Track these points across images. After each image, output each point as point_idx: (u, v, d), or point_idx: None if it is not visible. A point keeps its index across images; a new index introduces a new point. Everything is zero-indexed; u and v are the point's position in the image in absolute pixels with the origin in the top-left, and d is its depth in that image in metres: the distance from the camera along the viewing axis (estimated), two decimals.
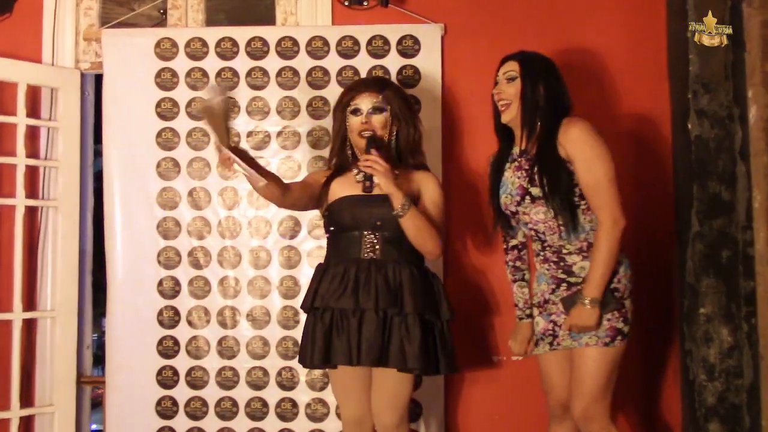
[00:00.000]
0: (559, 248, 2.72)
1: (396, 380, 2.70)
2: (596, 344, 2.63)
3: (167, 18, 3.64)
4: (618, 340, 2.65)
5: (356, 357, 2.65)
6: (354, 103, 2.82)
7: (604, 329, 2.63)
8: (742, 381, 3.05)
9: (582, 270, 2.68)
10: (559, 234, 2.70)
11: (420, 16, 3.48)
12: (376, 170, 2.63)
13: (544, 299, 2.77)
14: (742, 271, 3.05)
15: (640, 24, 3.46)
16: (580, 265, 2.69)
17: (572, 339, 2.68)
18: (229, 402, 3.42)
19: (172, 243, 3.48)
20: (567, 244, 2.70)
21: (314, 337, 2.70)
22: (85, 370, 3.64)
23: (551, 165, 2.65)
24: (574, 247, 2.70)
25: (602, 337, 2.63)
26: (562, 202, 2.64)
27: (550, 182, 2.64)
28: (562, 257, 2.72)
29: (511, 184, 2.77)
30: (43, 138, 3.57)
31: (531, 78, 2.72)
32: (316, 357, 2.69)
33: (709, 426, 3.06)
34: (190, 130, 3.49)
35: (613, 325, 2.63)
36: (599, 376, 2.64)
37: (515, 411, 3.39)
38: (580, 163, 2.62)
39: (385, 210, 2.69)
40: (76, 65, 3.60)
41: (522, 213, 2.75)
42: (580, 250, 2.69)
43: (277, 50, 3.49)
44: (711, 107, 3.14)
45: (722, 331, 3.06)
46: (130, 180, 3.49)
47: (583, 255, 2.69)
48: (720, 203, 3.10)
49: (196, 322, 3.45)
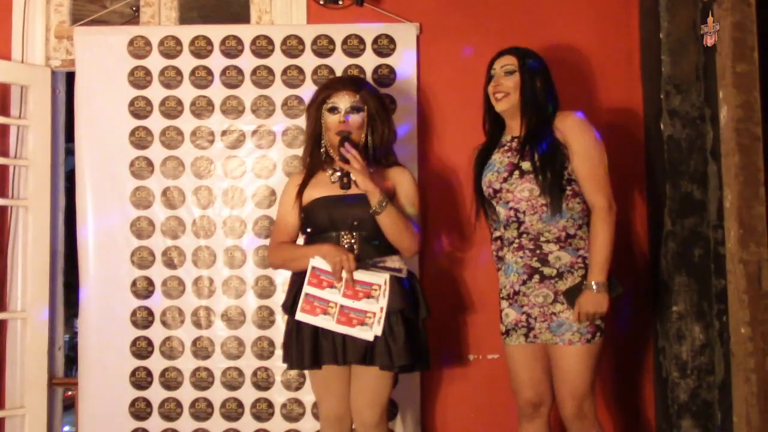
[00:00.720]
0: (537, 235, 2.70)
1: (376, 378, 2.70)
2: (579, 341, 2.65)
3: (140, 15, 3.60)
4: (598, 336, 2.67)
5: (342, 357, 2.66)
6: (331, 101, 2.80)
7: (586, 325, 2.64)
8: (713, 378, 3.10)
9: (557, 260, 2.68)
10: (539, 215, 2.69)
11: (395, 16, 3.48)
12: (353, 167, 2.63)
13: (513, 291, 2.76)
14: (714, 270, 3.10)
15: (614, 25, 3.49)
16: (556, 254, 2.69)
17: (552, 333, 2.68)
18: (204, 403, 3.40)
19: (146, 243, 3.44)
20: (545, 230, 2.69)
21: (301, 338, 2.70)
22: (57, 371, 3.59)
23: (545, 141, 2.68)
24: (552, 235, 2.69)
25: (584, 333, 2.65)
26: (552, 178, 2.66)
27: (542, 157, 2.67)
28: (539, 245, 2.70)
29: (499, 163, 2.79)
30: (13, 136, 3.52)
31: (529, 71, 2.77)
32: (306, 359, 2.69)
33: (681, 422, 3.11)
34: (163, 129, 3.46)
35: (593, 322, 2.66)
36: (588, 374, 2.66)
37: (491, 409, 3.40)
38: (578, 149, 2.68)
39: (362, 210, 2.70)
40: (47, 62, 3.55)
41: (506, 191, 2.74)
42: (558, 240, 2.69)
43: (252, 49, 3.47)
44: (683, 108, 3.18)
45: (694, 329, 3.10)
46: (103, 179, 3.45)
47: (560, 245, 2.69)
48: (692, 202, 3.14)
49: (170, 322, 3.42)
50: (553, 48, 3.42)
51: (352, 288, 2.64)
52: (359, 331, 2.63)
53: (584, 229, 2.72)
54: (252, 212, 3.44)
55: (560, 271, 2.68)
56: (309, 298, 2.66)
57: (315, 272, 2.67)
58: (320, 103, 2.83)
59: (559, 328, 2.66)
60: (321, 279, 2.66)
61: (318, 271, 2.67)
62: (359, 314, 2.64)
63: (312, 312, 2.66)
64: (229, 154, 3.46)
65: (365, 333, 2.63)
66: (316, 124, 2.85)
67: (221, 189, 3.44)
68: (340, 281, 2.64)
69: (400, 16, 3.48)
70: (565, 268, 2.68)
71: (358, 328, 2.63)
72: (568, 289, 2.67)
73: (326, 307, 2.65)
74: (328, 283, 2.66)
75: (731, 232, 2.88)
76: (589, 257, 2.67)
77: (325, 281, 2.66)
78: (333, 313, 2.64)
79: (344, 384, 2.77)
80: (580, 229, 2.72)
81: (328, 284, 2.66)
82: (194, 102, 3.46)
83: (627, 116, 3.46)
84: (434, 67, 3.49)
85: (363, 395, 2.72)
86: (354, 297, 2.64)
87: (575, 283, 2.67)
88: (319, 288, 2.66)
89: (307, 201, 2.80)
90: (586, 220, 2.73)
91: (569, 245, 2.69)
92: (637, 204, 3.41)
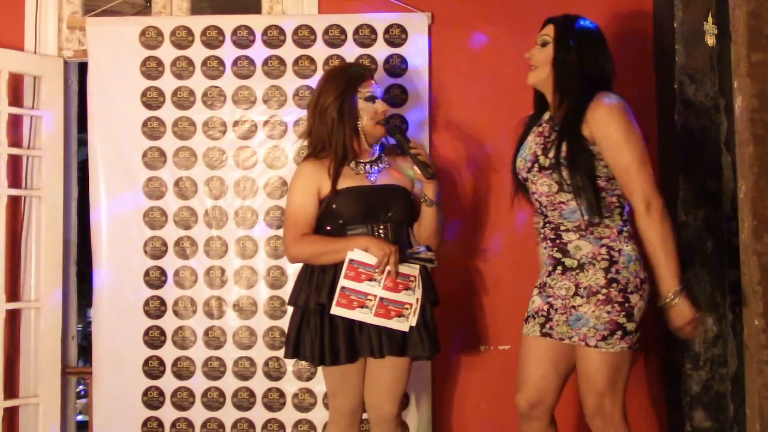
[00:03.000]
0: (558, 225, 2.55)
1: (397, 370, 2.70)
2: (594, 336, 2.46)
3: (151, 6, 3.60)
4: (617, 337, 2.45)
5: (378, 349, 2.65)
6: (367, 90, 2.76)
7: (603, 321, 2.45)
8: (726, 370, 3.08)
9: (577, 250, 2.50)
10: (559, 212, 2.54)
11: (407, 5, 3.47)
12: (424, 154, 2.69)
13: (542, 281, 2.62)
14: (727, 261, 3.08)
15: (627, 14, 3.46)
16: (575, 244, 2.51)
17: (569, 327, 2.50)
18: (216, 392, 3.41)
19: (159, 233, 3.46)
20: (566, 221, 2.53)
21: (334, 334, 2.65)
22: (70, 361, 3.62)
23: (569, 139, 2.47)
24: (572, 224, 2.51)
25: (600, 329, 2.45)
26: (579, 180, 2.45)
27: (565, 156, 2.47)
28: (559, 234, 2.54)
29: (528, 149, 2.62)
30: (26, 127, 3.53)
31: (564, 44, 2.53)
32: (342, 354, 2.65)
33: (693, 414, 3.10)
34: (176, 120, 3.46)
35: (613, 318, 2.45)
36: (607, 370, 2.47)
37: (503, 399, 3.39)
38: (607, 147, 2.45)
39: (396, 200, 2.72)
40: (59, 53, 3.56)
41: (530, 181, 2.61)
42: (578, 228, 2.50)
43: (264, 39, 3.47)
44: (697, 98, 3.16)
45: (707, 321, 3.08)
46: (116, 170, 3.46)
47: (580, 233, 2.50)
48: (705, 193, 3.12)
49: (182, 312, 3.44)
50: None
51: (393, 280, 2.64)
52: (396, 323, 2.63)
53: (613, 217, 2.50)
54: (264, 203, 3.44)
55: (581, 263, 2.49)
56: (345, 291, 2.63)
57: (353, 265, 2.63)
58: (352, 93, 2.75)
59: (576, 322, 2.49)
60: (360, 272, 2.63)
61: (357, 264, 2.63)
62: (398, 306, 2.64)
63: (349, 306, 2.63)
64: (240, 145, 3.46)
65: (401, 324, 2.64)
66: (350, 113, 2.73)
67: (233, 179, 3.45)
68: (382, 274, 2.63)
69: (411, 5, 3.47)
70: (586, 259, 2.49)
71: (395, 320, 2.63)
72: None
73: (364, 300, 2.63)
74: (366, 276, 2.63)
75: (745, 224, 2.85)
76: (652, 263, 2.46)
77: (364, 274, 2.63)
78: (371, 306, 2.63)
79: (361, 378, 2.76)
80: (606, 217, 2.50)
81: (367, 277, 2.63)
82: (206, 92, 3.46)
83: (640, 106, 3.40)
84: (446, 56, 3.47)
85: (382, 388, 2.71)
86: (394, 289, 2.64)
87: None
88: (357, 281, 2.63)
89: (340, 190, 2.72)
90: (614, 207, 2.51)
91: (591, 233, 2.49)
92: None
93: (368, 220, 2.70)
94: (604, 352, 2.47)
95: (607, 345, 2.46)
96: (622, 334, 2.46)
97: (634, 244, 2.50)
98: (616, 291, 2.46)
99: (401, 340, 2.67)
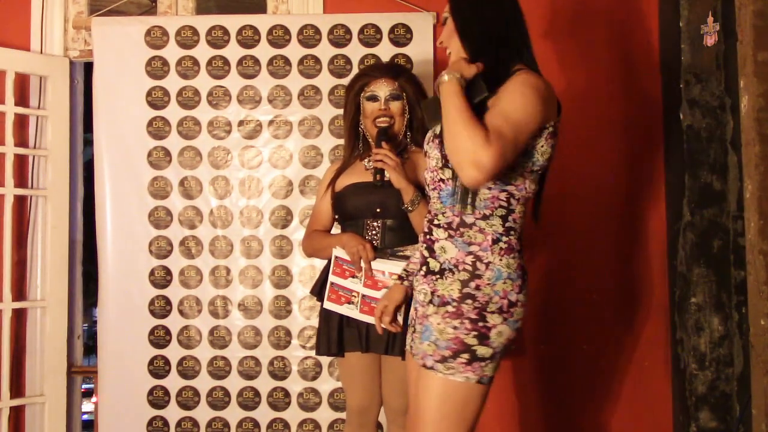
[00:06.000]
0: (434, 215, 2.12)
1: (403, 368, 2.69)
2: (432, 356, 1.99)
3: (157, 6, 3.61)
4: (462, 361, 1.96)
5: (365, 345, 2.68)
6: (370, 89, 2.77)
7: (447, 337, 1.97)
8: (732, 370, 3.07)
9: (443, 252, 2.05)
10: (438, 192, 2.11)
11: (412, 5, 3.47)
12: (387, 165, 2.61)
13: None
14: (733, 261, 3.07)
15: (632, 13, 3.45)
16: (442, 244, 2.06)
17: (420, 341, 2.05)
18: (221, 392, 3.42)
19: (164, 232, 3.46)
20: (440, 212, 2.09)
21: (331, 325, 2.72)
22: (76, 360, 3.62)
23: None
24: (445, 219, 2.07)
25: (441, 348, 1.99)
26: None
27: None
28: (431, 227, 2.11)
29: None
30: (32, 127, 3.55)
31: (460, 11, 2.15)
32: (332, 345, 2.72)
33: (699, 414, 3.09)
34: (181, 119, 3.47)
35: (459, 336, 1.97)
36: (436, 409, 1.99)
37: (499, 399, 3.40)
38: (498, 99, 1.98)
39: (385, 196, 2.68)
40: (65, 53, 3.57)
41: (428, 155, 2.18)
42: (449, 226, 2.06)
43: (269, 39, 3.47)
44: (703, 97, 3.15)
45: (713, 321, 3.08)
46: (121, 169, 3.47)
47: (449, 233, 2.05)
48: (711, 193, 3.11)
49: (187, 311, 3.44)
50: (569, 36, 3.40)
51: (371, 278, 2.64)
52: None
53: (491, 220, 2.03)
54: (269, 202, 3.44)
55: (443, 267, 2.06)
56: (334, 287, 2.68)
57: (338, 262, 2.68)
58: (358, 91, 2.79)
59: (423, 334, 2.09)
60: (344, 269, 2.67)
61: (341, 260, 2.67)
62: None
63: (337, 301, 2.67)
64: (245, 144, 3.47)
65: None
66: (354, 113, 2.81)
67: (238, 179, 3.45)
68: (360, 271, 2.65)
69: (416, 5, 3.47)
70: (449, 264, 2.05)
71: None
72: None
73: (350, 297, 2.66)
74: (350, 273, 2.66)
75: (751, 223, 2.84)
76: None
77: (348, 271, 2.66)
78: (356, 303, 2.64)
79: (369, 376, 2.76)
80: (482, 217, 2.04)
81: (350, 274, 2.66)
82: (211, 92, 3.47)
83: (646, 106, 3.42)
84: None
85: (392, 384, 2.72)
86: (374, 287, 2.63)
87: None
88: (342, 277, 2.66)
89: (340, 188, 2.80)
90: (498, 206, 2.04)
91: (460, 236, 2.04)
92: (656, 194, 3.38)
93: (361, 217, 2.72)
94: (440, 378, 1.97)
95: (446, 369, 1.98)
96: (469, 359, 1.97)
97: (511, 260, 2.03)
98: (471, 307, 1.99)
99: (387, 339, 2.65)
